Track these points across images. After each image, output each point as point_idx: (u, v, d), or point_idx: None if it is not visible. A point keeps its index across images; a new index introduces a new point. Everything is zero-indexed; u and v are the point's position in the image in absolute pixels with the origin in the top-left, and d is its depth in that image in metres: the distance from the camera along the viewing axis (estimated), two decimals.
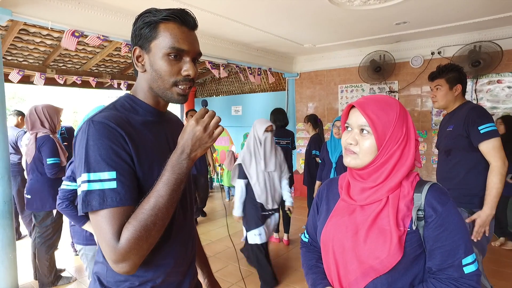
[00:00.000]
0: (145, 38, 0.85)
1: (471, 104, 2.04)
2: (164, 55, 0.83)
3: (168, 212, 0.77)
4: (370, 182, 0.92)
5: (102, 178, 0.73)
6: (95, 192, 0.73)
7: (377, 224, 0.88)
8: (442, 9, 3.42)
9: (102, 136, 0.75)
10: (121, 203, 0.73)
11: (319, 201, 1.10)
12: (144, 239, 0.73)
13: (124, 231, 0.72)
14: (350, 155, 0.93)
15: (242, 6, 3.31)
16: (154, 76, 0.86)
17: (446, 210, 0.85)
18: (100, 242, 0.74)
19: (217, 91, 7.71)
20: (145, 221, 0.73)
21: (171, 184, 0.76)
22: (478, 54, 4.12)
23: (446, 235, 0.84)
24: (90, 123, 0.77)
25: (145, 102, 0.90)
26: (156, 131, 0.90)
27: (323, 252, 1.00)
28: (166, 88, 0.86)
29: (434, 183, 0.90)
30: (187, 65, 0.85)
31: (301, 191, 6.13)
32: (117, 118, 0.80)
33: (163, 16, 0.83)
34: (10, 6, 2.61)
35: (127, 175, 0.76)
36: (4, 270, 2.58)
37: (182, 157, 0.79)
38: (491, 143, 1.84)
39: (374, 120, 0.88)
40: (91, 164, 0.74)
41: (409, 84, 4.92)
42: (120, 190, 0.74)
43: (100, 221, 0.73)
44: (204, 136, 0.81)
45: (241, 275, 2.60)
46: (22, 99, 18.45)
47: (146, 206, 0.74)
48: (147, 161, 0.82)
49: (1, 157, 2.57)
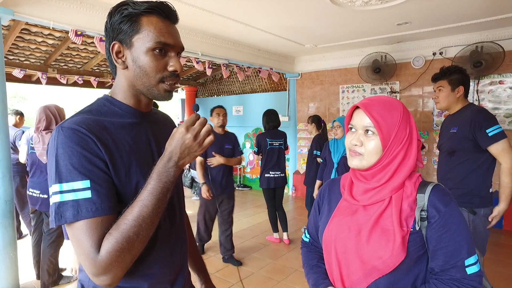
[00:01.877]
0: (125, 33, 0.79)
1: (475, 107, 2.07)
2: (148, 50, 0.78)
3: (153, 222, 0.73)
4: (373, 183, 0.92)
5: (75, 188, 0.69)
6: (68, 203, 0.68)
7: (380, 224, 0.88)
8: (444, 9, 3.42)
9: (72, 143, 0.71)
10: (97, 213, 0.69)
11: (321, 201, 1.10)
12: (126, 251, 0.69)
13: (105, 242, 0.68)
14: (355, 157, 0.93)
15: (243, 6, 3.31)
16: (138, 72, 0.80)
17: (449, 210, 0.85)
18: (79, 256, 0.69)
19: (218, 91, 7.72)
20: (127, 232, 0.69)
21: (156, 193, 0.72)
22: (480, 54, 4.12)
23: (449, 236, 0.84)
24: (59, 129, 0.72)
25: (124, 102, 0.85)
26: (136, 133, 0.85)
27: (325, 252, 0.99)
28: (152, 85, 0.81)
29: (437, 184, 0.90)
30: (173, 60, 0.81)
31: (302, 191, 6.13)
32: (89, 123, 0.75)
33: (144, 8, 0.78)
34: (12, 6, 2.61)
35: (102, 183, 0.72)
36: (5, 269, 2.59)
37: (169, 164, 0.74)
38: (500, 145, 1.90)
39: (379, 121, 0.88)
40: (63, 173, 0.69)
41: (410, 84, 4.92)
42: (95, 199, 0.69)
43: (77, 234, 0.68)
44: (194, 145, 0.76)
45: (242, 275, 2.60)
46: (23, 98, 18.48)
47: (129, 216, 0.70)
48: (124, 167, 0.77)
49: (3, 156, 2.57)
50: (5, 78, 2.66)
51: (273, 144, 3.92)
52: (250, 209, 5.44)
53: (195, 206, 5.57)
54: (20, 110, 4.35)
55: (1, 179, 2.56)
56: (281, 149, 3.98)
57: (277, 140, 3.96)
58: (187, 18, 3.63)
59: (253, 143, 6.87)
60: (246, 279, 2.98)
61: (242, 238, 4.05)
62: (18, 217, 4.11)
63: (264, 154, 3.93)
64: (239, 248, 3.69)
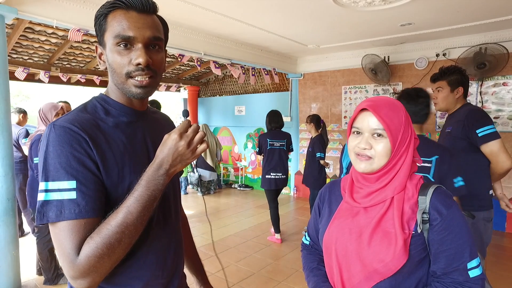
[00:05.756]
0: (99, 33, 0.79)
1: (469, 106, 2.03)
2: (113, 46, 0.76)
3: (137, 229, 0.71)
4: (376, 185, 0.91)
5: (61, 188, 0.68)
6: (52, 202, 0.67)
7: (381, 226, 0.87)
8: (448, 10, 3.40)
9: (62, 142, 0.70)
10: (80, 215, 0.68)
11: (321, 203, 1.09)
12: (106, 257, 0.67)
13: (85, 246, 0.67)
14: (365, 161, 0.91)
15: (246, 6, 3.31)
16: (111, 71, 0.79)
17: (451, 213, 0.85)
18: (59, 256, 0.68)
19: (220, 91, 7.72)
20: (109, 238, 0.67)
21: (143, 200, 0.70)
22: (483, 56, 4.09)
23: (451, 239, 0.83)
24: (51, 127, 0.71)
25: (118, 101, 0.83)
26: (131, 133, 0.83)
27: (325, 254, 0.99)
28: (122, 82, 0.78)
29: (439, 186, 0.90)
30: (137, 52, 0.76)
31: (303, 192, 6.12)
32: (82, 121, 0.74)
33: (110, 5, 0.76)
34: (16, 5, 2.62)
35: (89, 185, 0.70)
36: (7, 267, 2.60)
37: (159, 172, 0.72)
38: (490, 147, 1.85)
39: (388, 123, 0.87)
40: (50, 172, 0.68)
41: (413, 85, 4.89)
42: (80, 201, 0.68)
43: (58, 234, 0.67)
44: (187, 152, 0.74)
45: (243, 275, 2.60)
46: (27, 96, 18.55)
47: (113, 222, 0.68)
48: (116, 167, 0.76)
49: (5, 154, 2.58)
50: (9, 77, 2.67)
51: (273, 145, 3.92)
52: (252, 210, 5.44)
53: (198, 205, 5.58)
54: (23, 108, 4.36)
55: (3, 177, 2.57)
56: (283, 150, 3.96)
57: (278, 141, 3.95)
58: (190, 18, 3.63)
59: (255, 143, 6.87)
60: (246, 279, 2.98)
61: (243, 238, 4.05)
62: (20, 215, 4.13)
63: (265, 154, 3.93)
64: (240, 248, 3.69)
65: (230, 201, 6.04)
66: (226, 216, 5.03)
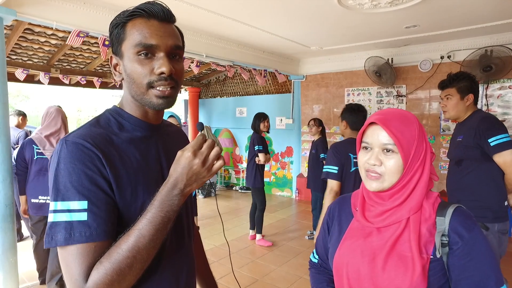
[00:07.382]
0: (116, 43, 0.76)
1: (481, 114, 1.96)
2: (133, 55, 0.73)
3: (150, 254, 0.67)
4: (390, 203, 0.86)
5: (71, 208, 0.64)
6: (60, 224, 0.63)
7: (397, 250, 0.82)
8: (453, 13, 3.34)
9: (74, 159, 0.66)
10: (91, 239, 0.63)
11: (330, 220, 1.03)
12: (116, 284, 0.63)
13: (94, 272, 0.62)
14: (375, 180, 0.86)
15: (249, 8, 3.25)
16: (129, 81, 0.75)
17: (473, 237, 0.79)
18: (66, 280, 0.65)
19: (221, 92, 7.66)
20: (119, 263, 0.63)
21: (156, 223, 0.65)
22: (489, 58, 4.03)
23: (473, 265, 0.77)
24: (63, 143, 0.68)
25: (133, 115, 0.79)
26: (145, 148, 0.79)
27: (335, 276, 0.93)
28: (142, 92, 0.74)
29: (459, 206, 0.84)
30: (160, 61, 0.73)
31: (305, 195, 6.06)
32: (95, 137, 0.70)
33: (129, 13, 0.74)
34: (14, 6, 2.57)
35: (101, 205, 0.66)
36: (4, 274, 2.55)
37: (173, 192, 0.68)
38: (503, 157, 1.77)
39: (399, 138, 0.82)
40: (60, 191, 0.64)
41: (417, 88, 4.84)
42: (91, 223, 0.64)
43: (67, 258, 0.63)
44: (203, 170, 0.69)
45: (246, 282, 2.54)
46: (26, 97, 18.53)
47: (124, 246, 0.64)
48: (130, 186, 0.72)
49: (3, 159, 2.53)
50: (7, 79, 2.62)
51: None
52: None
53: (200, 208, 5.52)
54: (22, 110, 4.31)
55: (1, 183, 2.52)
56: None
57: None
58: (192, 19, 3.58)
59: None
60: (249, 286, 2.92)
61: (245, 243, 3.99)
62: (19, 219, 4.08)
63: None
64: (242, 254, 3.63)
65: (231, 204, 5.99)
66: (227, 220, 4.97)
